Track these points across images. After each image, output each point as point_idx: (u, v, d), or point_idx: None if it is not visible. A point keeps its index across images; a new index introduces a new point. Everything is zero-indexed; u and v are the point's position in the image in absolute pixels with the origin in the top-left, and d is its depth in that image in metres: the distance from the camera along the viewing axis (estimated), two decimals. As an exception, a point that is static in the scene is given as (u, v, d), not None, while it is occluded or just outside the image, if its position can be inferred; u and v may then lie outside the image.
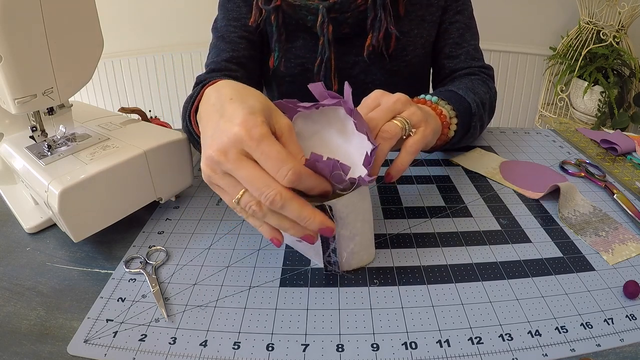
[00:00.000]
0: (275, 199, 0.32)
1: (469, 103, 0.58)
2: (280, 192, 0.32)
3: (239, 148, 0.32)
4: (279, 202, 0.32)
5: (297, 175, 0.32)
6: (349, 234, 0.39)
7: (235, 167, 0.32)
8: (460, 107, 0.56)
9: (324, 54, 0.66)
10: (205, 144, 0.35)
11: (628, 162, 0.65)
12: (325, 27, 0.64)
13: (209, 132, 0.35)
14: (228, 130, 0.33)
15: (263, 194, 0.32)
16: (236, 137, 0.32)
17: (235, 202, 0.34)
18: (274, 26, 0.67)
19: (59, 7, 0.39)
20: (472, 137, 0.63)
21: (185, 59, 2.02)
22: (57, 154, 0.45)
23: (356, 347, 0.34)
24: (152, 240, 0.46)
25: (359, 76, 0.72)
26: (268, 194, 0.32)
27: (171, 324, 0.36)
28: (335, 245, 0.39)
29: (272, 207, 0.33)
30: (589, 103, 1.80)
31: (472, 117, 0.59)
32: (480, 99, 0.61)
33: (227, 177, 0.34)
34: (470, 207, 0.52)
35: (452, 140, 0.56)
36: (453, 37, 0.72)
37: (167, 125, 0.73)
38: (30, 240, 0.47)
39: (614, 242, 0.46)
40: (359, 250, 0.41)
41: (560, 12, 1.91)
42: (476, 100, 0.59)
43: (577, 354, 0.33)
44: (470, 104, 0.58)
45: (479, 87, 0.64)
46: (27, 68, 0.39)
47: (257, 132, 0.32)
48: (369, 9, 0.64)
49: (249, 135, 0.32)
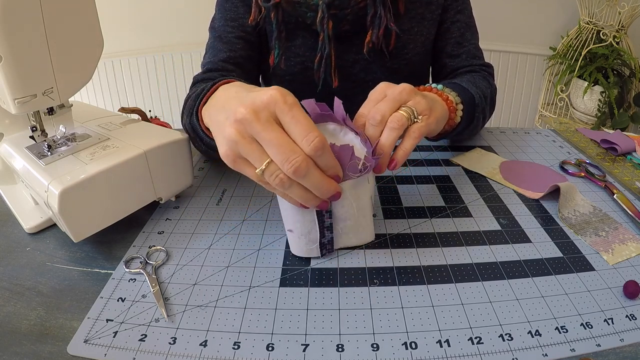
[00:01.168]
0: (301, 165, 0.33)
1: (472, 94, 0.58)
2: (306, 159, 0.33)
3: (271, 110, 0.34)
4: (304, 169, 0.33)
5: (322, 143, 0.33)
6: (342, 215, 0.41)
7: (264, 128, 0.33)
8: (465, 97, 0.57)
9: (324, 50, 0.66)
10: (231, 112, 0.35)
11: (628, 162, 0.65)
12: (325, 23, 0.64)
13: (234, 102, 0.36)
14: (263, 93, 0.34)
15: (289, 160, 0.33)
16: (272, 98, 0.34)
17: (259, 172, 0.35)
18: (274, 24, 0.67)
19: (59, 7, 0.39)
20: (475, 130, 0.63)
21: (185, 59, 2.02)
22: (57, 154, 0.45)
23: (356, 347, 0.34)
24: (152, 240, 0.46)
25: (359, 74, 0.73)
26: (295, 160, 0.33)
27: (171, 324, 0.36)
28: (330, 221, 0.41)
29: (297, 174, 0.33)
30: (589, 103, 1.80)
31: (475, 108, 0.59)
32: (482, 92, 0.61)
33: (254, 144, 0.34)
34: (470, 207, 0.52)
35: (457, 128, 0.57)
36: (454, 36, 0.73)
37: (167, 125, 0.73)
38: (30, 240, 0.47)
39: (614, 242, 0.46)
40: (349, 232, 0.43)
41: (560, 12, 1.91)
42: (478, 92, 0.60)
43: (577, 354, 0.33)
44: (474, 95, 0.59)
45: (481, 82, 0.65)
46: (27, 68, 0.39)
47: (290, 99, 0.34)
48: (368, 5, 0.64)
49: (284, 99, 0.34)
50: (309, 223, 0.40)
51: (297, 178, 0.34)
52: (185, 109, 0.55)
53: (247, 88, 0.39)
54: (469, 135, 0.65)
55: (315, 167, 0.35)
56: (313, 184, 0.35)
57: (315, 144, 0.33)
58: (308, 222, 0.40)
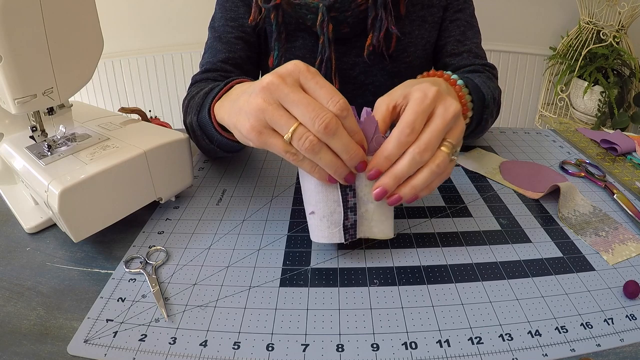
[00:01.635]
0: (330, 122, 0.33)
1: (484, 94, 0.56)
2: (334, 117, 0.34)
3: (295, 77, 0.35)
4: (334, 125, 0.33)
5: (347, 105, 0.34)
6: (362, 198, 0.40)
7: (292, 90, 0.34)
8: (477, 96, 0.55)
9: (324, 53, 0.66)
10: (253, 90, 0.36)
11: (628, 162, 0.65)
12: (325, 26, 0.64)
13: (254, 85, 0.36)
14: (286, 65, 0.35)
15: (320, 116, 0.33)
16: (295, 66, 0.35)
17: (287, 138, 0.35)
18: (274, 25, 0.66)
19: (59, 7, 0.39)
20: (480, 132, 0.61)
21: (185, 59, 2.02)
22: (57, 154, 0.45)
23: (356, 347, 0.34)
24: (152, 240, 0.46)
25: (359, 77, 0.72)
26: (324, 117, 0.33)
27: (171, 324, 0.36)
28: (355, 201, 0.40)
29: (327, 132, 0.33)
30: (589, 103, 1.80)
31: (485, 109, 0.57)
32: (492, 92, 0.59)
33: (281, 109, 0.35)
34: (470, 207, 0.52)
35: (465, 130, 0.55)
36: (454, 34, 0.72)
37: (167, 125, 0.73)
38: (30, 240, 0.47)
39: (614, 242, 0.46)
40: (371, 218, 0.41)
41: (560, 12, 1.91)
42: (489, 93, 0.58)
43: (577, 354, 0.33)
44: (485, 95, 0.56)
45: (489, 82, 0.63)
46: (27, 68, 0.39)
47: (313, 69, 0.35)
48: (369, 8, 0.64)
49: (307, 68, 0.35)
50: (332, 203, 0.40)
51: (328, 136, 0.34)
52: (192, 106, 0.54)
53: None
54: (473, 138, 0.64)
55: (343, 129, 0.35)
56: (343, 144, 0.35)
57: (341, 104, 0.34)
58: (331, 202, 0.40)
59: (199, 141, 0.55)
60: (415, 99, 0.37)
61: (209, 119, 0.47)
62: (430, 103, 0.37)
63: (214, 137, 0.50)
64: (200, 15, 1.86)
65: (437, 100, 0.38)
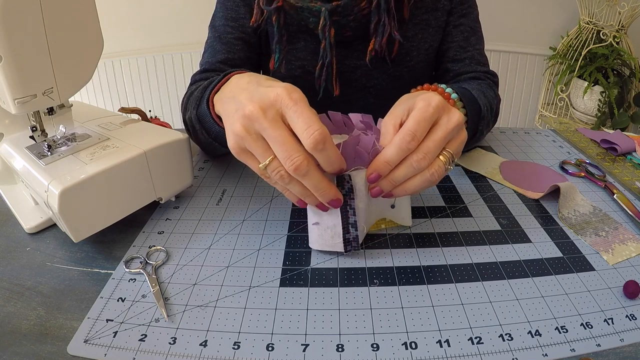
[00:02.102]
0: (301, 164, 0.34)
1: (480, 106, 0.57)
2: (306, 159, 0.35)
3: (277, 108, 0.35)
4: (304, 168, 0.35)
5: (322, 136, 0.34)
6: (365, 206, 0.41)
7: (270, 125, 0.35)
8: (472, 108, 0.55)
9: (325, 57, 0.65)
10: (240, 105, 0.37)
11: (628, 162, 0.65)
12: (327, 31, 0.63)
13: (244, 96, 0.37)
14: (271, 91, 0.36)
15: (291, 157, 0.34)
16: (278, 96, 0.35)
17: (262, 167, 0.36)
18: (275, 27, 0.66)
19: (59, 7, 0.39)
20: (475, 142, 0.62)
21: (185, 59, 2.02)
22: (57, 154, 0.45)
23: (356, 347, 0.34)
24: (152, 240, 0.46)
25: (360, 80, 0.72)
26: (296, 159, 0.34)
27: (171, 324, 0.36)
28: (355, 218, 0.41)
29: (297, 173, 0.35)
30: (589, 103, 1.80)
31: (480, 120, 0.57)
32: (489, 103, 0.60)
33: (260, 141, 0.36)
34: (470, 207, 0.52)
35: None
36: (457, 40, 0.71)
37: (167, 125, 0.73)
38: (30, 240, 0.47)
39: (614, 242, 0.46)
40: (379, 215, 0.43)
41: (560, 12, 1.91)
42: (486, 104, 0.58)
43: (577, 354, 0.33)
44: (482, 106, 0.57)
45: (488, 91, 0.63)
46: (27, 68, 0.39)
47: (296, 95, 0.35)
48: (372, 12, 0.63)
49: (290, 96, 0.35)
50: (335, 217, 0.41)
51: (298, 176, 0.36)
52: (191, 101, 0.55)
53: (258, 80, 0.40)
54: (467, 147, 0.64)
55: (317, 169, 0.36)
56: (313, 184, 0.37)
57: (316, 137, 0.34)
58: (336, 216, 0.41)
59: (197, 136, 0.55)
60: (419, 108, 0.38)
61: (208, 109, 0.48)
62: (433, 112, 0.38)
63: (212, 129, 0.50)
64: (200, 15, 1.85)
65: (441, 110, 0.38)
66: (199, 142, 0.58)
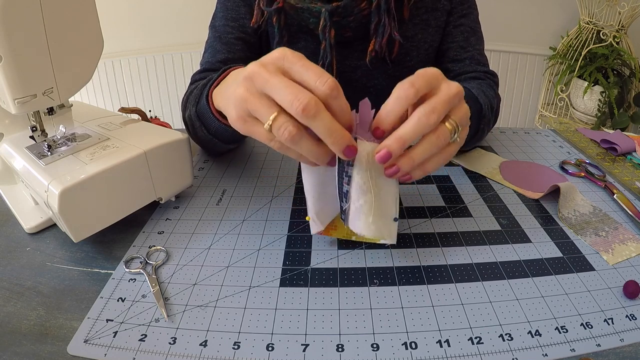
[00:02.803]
0: (309, 102, 0.31)
1: (481, 105, 0.57)
2: (314, 98, 0.32)
3: (279, 64, 0.34)
4: (313, 107, 0.31)
5: (337, 84, 0.32)
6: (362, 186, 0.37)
7: (272, 76, 0.33)
8: (474, 107, 0.54)
9: (325, 58, 0.65)
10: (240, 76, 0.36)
11: (628, 162, 0.65)
12: (327, 32, 0.63)
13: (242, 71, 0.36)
14: (271, 53, 0.34)
15: (298, 97, 0.31)
16: (279, 54, 0.34)
17: (267, 127, 0.34)
18: (276, 28, 0.66)
19: (59, 7, 0.39)
20: (475, 143, 0.62)
21: (185, 59, 2.02)
22: (57, 154, 0.45)
23: (356, 347, 0.34)
24: (152, 240, 0.46)
25: (360, 80, 0.72)
26: (302, 97, 0.31)
27: (171, 324, 0.36)
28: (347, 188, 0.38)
29: (306, 114, 0.31)
30: (589, 103, 1.80)
31: (481, 120, 0.57)
32: (490, 102, 0.59)
33: (263, 99, 0.34)
34: (470, 207, 0.52)
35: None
36: (458, 40, 0.71)
37: (167, 125, 0.73)
38: (30, 240, 0.47)
39: (614, 242, 0.46)
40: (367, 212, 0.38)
41: (560, 12, 1.91)
42: (487, 103, 0.58)
43: (577, 354, 0.33)
44: (482, 105, 0.57)
45: (489, 91, 0.63)
46: (27, 68, 0.39)
47: (299, 54, 0.34)
48: (372, 13, 0.63)
49: (292, 53, 0.34)
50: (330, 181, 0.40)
51: (307, 119, 0.32)
52: (190, 99, 0.55)
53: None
54: (469, 146, 0.64)
55: (326, 110, 0.33)
56: (325, 127, 0.33)
57: (330, 83, 0.32)
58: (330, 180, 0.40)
59: (197, 134, 0.55)
60: (417, 72, 0.36)
61: (207, 105, 0.48)
62: (432, 74, 0.36)
63: (212, 124, 0.50)
64: (200, 15, 1.85)
65: (440, 78, 0.37)
66: (199, 140, 0.58)
